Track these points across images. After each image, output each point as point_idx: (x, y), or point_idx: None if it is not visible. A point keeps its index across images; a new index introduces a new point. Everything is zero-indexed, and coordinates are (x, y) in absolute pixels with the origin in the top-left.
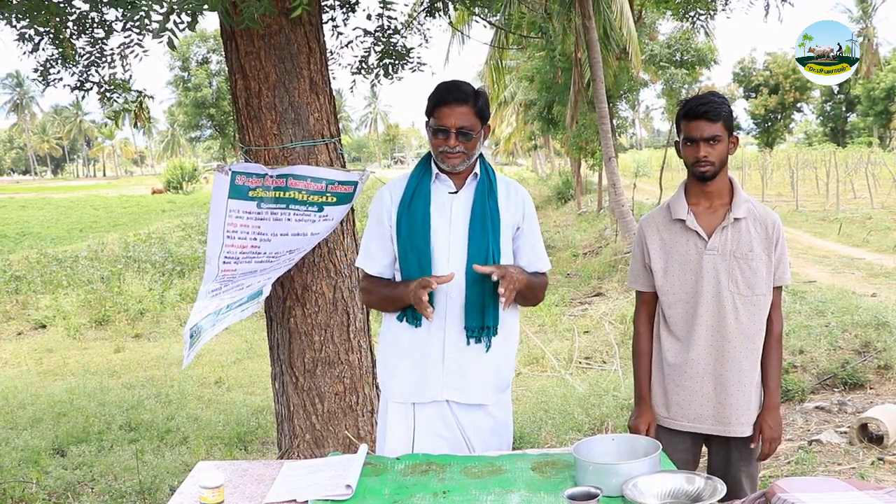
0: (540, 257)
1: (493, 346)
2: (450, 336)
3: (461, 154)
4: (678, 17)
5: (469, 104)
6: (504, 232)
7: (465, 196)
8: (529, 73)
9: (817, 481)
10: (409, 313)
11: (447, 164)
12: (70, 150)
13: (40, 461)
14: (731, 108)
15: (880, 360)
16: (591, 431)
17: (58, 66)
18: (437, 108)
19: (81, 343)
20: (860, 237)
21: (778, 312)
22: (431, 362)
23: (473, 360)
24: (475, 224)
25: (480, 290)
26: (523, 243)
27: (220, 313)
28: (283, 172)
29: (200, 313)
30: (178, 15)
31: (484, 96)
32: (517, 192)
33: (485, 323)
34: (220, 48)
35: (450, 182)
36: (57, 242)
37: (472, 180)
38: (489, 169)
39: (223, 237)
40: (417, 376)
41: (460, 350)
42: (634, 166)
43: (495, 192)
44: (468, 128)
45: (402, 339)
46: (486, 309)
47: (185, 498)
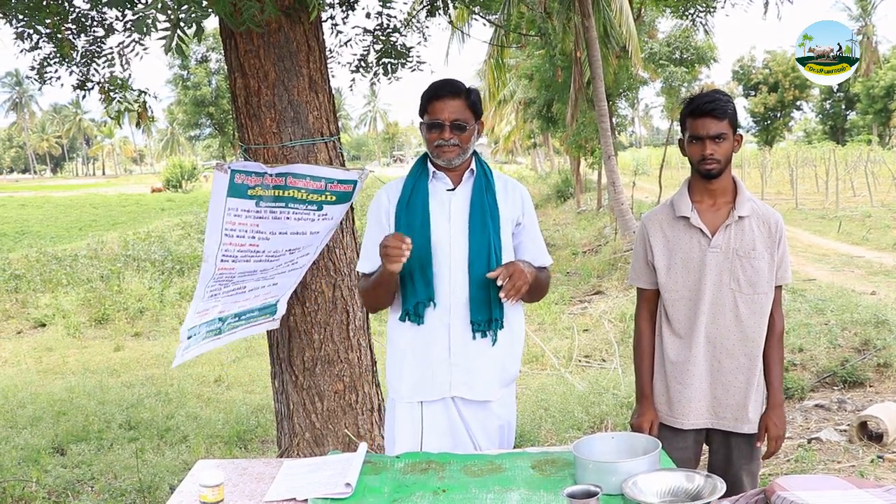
0: (542, 252)
1: (499, 341)
2: (455, 331)
3: (456, 147)
4: (678, 15)
5: (462, 98)
6: (504, 227)
7: (463, 192)
8: (529, 72)
9: (817, 479)
10: (411, 312)
11: (443, 158)
12: (69, 149)
13: (40, 460)
14: (736, 106)
15: (880, 358)
16: (590, 430)
17: (55, 64)
18: (431, 104)
19: (81, 342)
20: (859, 235)
21: (779, 311)
22: (437, 359)
23: (479, 355)
24: (475, 220)
25: (485, 284)
26: (525, 238)
27: (226, 322)
28: (283, 171)
29: (201, 316)
30: (182, 29)
31: (476, 93)
32: (515, 187)
33: (491, 316)
34: (219, 46)
35: (447, 179)
36: (56, 241)
37: (469, 177)
38: (485, 165)
39: (221, 235)
40: (423, 374)
41: (465, 344)
42: (634, 164)
43: (493, 188)
44: (462, 120)
45: (407, 340)
46: (493, 302)
47: (184, 496)
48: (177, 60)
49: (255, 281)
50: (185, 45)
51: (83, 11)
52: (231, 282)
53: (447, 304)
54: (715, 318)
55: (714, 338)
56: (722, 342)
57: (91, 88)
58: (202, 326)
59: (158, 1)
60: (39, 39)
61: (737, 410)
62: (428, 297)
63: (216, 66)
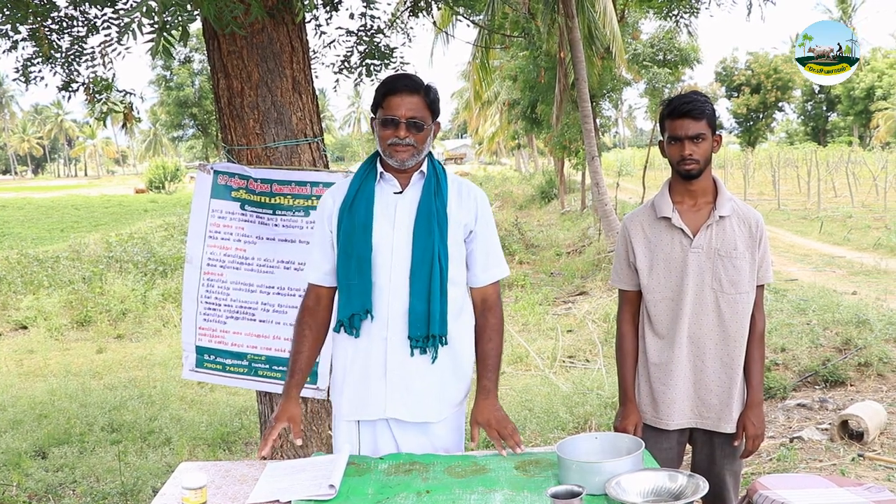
0: (495, 263)
1: (441, 359)
2: (392, 347)
3: (411, 147)
4: (661, 17)
5: (420, 94)
6: (453, 235)
7: (411, 196)
8: (513, 73)
9: (799, 478)
10: (346, 322)
11: (396, 158)
12: (51, 150)
13: (21, 463)
14: (714, 107)
15: (861, 357)
16: (574, 430)
17: (39, 64)
18: (386, 98)
19: (63, 344)
20: (841, 235)
21: (760, 311)
22: (374, 376)
23: (417, 374)
24: (420, 225)
25: (425, 297)
26: (476, 247)
27: (256, 365)
28: (267, 177)
29: (210, 338)
30: (168, 31)
31: (435, 91)
32: (469, 191)
33: (430, 332)
34: (202, 47)
35: (395, 182)
36: (38, 242)
37: (419, 179)
38: (437, 167)
39: (205, 237)
40: (360, 391)
41: (403, 362)
42: (617, 165)
43: (443, 191)
44: (419, 118)
45: (346, 352)
46: (432, 317)
47: (167, 499)
48: (160, 61)
49: (264, 312)
50: (171, 47)
51: (64, 10)
52: (223, 291)
53: (385, 316)
54: (697, 319)
55: (696, 338)
56: (704, 342)
57: (76, 90)
58: (224, 355)
59: (143, 5)
60: (20, 40)
61: (719, 410)
62: (364, 308)
63: (199, 67)
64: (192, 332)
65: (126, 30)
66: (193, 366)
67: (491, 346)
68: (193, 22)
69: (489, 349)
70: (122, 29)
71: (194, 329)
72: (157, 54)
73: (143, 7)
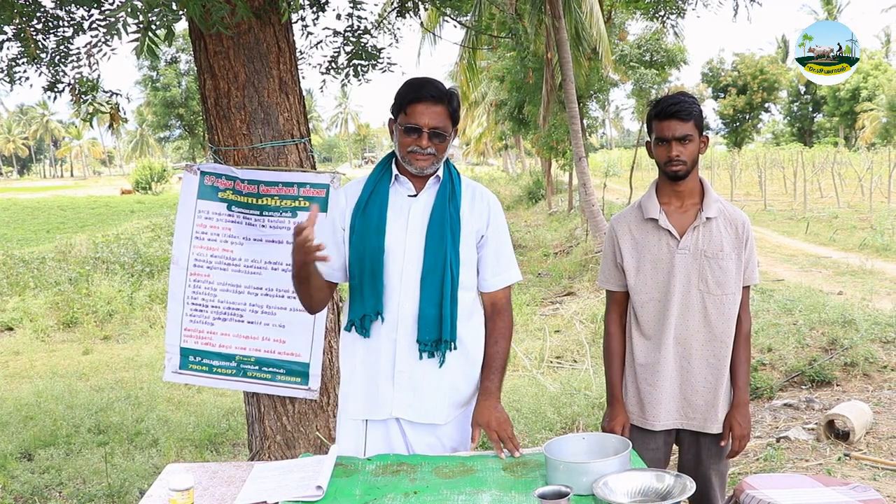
0: (506, 268)
1: (449, 362)
2: (401, 349)
3: (431, 157)
4: (648, 18)
5: (445, 104)
6: (465, 240)
7: (425, 200)
8: (500, 74)
9: (785, 478)
10: (357, 324)
11: (415, 165)
12: (37, 151)
13: (7, 465)
14: (702, 108)
15: (847, 357)
16: (562, 430)
17: (24, 64)
18: (411, 105)
19: (49, 345)
20: (827, 236)
21: (747, 311)
22: (382, 376)
23: (425, 376)
24: (433, 230)
25: (436, 302)
26: (487, 252)
27: (246, 367)
28: (254, 178)
29: (197, 339)
30: (153, 31)
31: (457, 98)
32: (482, 197)
33: (441, 337)
34: (189, 47)
35: (409, 185)
36: (23, 243)
37: (434, 184)
38: (453, 172)
39: (192, 238)
40: (369, 391)
41: (411, 364)
42: (605, 166)
43: (458, 197)
44: (442, 128)
45: (356, 352)
46: (443, 322)
47: (154, 501)
48: (146, 61)
49: (252, 313)
50: (157, 47)
51: (49, 10)
52: (210, 293)
53: (395, 318)
54: (684, 320)
55: (683, 339)
56: (690, 343)
57: (62, 90)
58: (211, 356)
59: (128, 4)
60: (5, 40)
61: (706, 411)
62: (375, 310)
63: (186, 68)
64: (176, 334)
65: (112, 29)
66: (177, 367)
67: (497, 348)
68: (178, 21)
69: (495, 352)
70: (108, 29)
71: (179, 331)
72: (142, 54)
73: (128, 6)
